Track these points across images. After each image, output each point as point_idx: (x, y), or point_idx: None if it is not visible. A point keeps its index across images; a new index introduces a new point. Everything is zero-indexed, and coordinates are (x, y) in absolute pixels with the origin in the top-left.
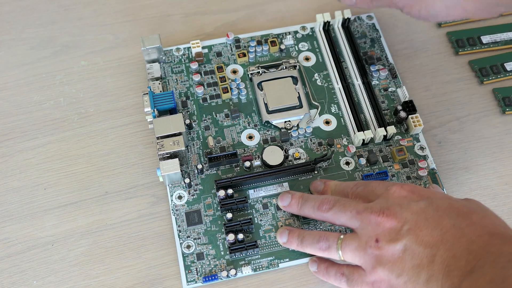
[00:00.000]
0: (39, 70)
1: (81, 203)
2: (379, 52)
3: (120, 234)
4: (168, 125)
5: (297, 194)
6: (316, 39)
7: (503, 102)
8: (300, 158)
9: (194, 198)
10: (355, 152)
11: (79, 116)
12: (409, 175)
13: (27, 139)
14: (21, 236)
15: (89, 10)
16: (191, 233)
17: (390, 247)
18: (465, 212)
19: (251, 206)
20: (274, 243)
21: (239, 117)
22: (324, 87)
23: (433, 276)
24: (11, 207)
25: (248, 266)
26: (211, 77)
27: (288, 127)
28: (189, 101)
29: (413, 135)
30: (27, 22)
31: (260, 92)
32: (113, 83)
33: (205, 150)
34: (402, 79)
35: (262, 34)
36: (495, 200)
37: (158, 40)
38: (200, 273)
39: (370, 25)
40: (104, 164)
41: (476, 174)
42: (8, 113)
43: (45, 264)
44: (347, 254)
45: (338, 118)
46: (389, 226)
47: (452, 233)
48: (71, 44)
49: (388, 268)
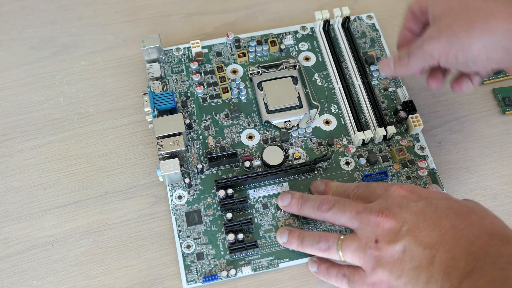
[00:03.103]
0: (39, 70)
1: (81, 203)
2: (379, 52)
3: (120, 234)
4: (168, 125)
5: (297, 194)
6: (316, 39)
7: (503, 102)
8: (300, 158)
9: (194, 198)
10: (355, 152)
11: (79, 116)
12: (409, 175)
13: (27, 139)
14: (21, 236)
15: (89, 10)
16: (191, 233)
17: (390, 248)
18: (464, 213)
19: (251, 206)
20: (274, 243)
21: (239, 117)
22: (324, 87)
23: (433, 277)
24: (11, 207)
25: (248, 266)
26: (211, 77)
27: (288, 127)
28: (189, 101)
29: (413, 135)
30: (27, 22)
31: (260, 92)
32: (113, 83)
33: (205, 150)
34: (402, 79)
35: (262, 34)
36: (495, 200)
37: (158, 40)
38: (200, 273)
39: (370, 25)
40: (104, 164)
41: (476, 174)
42: (8, 113)
43: (45, 264)
44: (347, 255)
45: (338, 118)
46: (388, 226)
47: (451, 234)
48: (71, 44)
49: (388, 270)
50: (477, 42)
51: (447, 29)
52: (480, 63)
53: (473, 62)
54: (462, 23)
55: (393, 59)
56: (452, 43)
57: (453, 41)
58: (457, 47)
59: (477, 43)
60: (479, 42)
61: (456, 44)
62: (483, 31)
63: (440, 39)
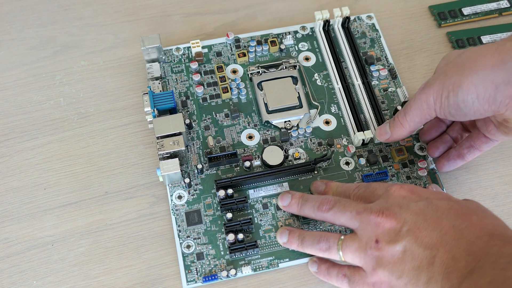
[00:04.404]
0: (39, 70)
1: (81, 203)
2: (379, 52)
3: (120, 234)
4: (168, 125)
5: (297, 194)
6: (316, 39)
7: None
8: (300, 158)
9: (194, 198)
10: (355, 152)
11: (79, 116)
12: (409, 175)
13: (27, 139)
14: (21, 236)
15: (89, 10)
16: (191, 233)
17: (390, 248)
18: (464, 213)
19: (251, 206)
20: (274, 243)
21: (239, 117)
22: (324, 87)
23: (433, 277)
24: (11, 207)
25: (248, 266)
26: (211, 77)
27: (288, 127)
28: (189, 101)
29: (412, 135)
30: (27, 22)
31: (260, 92)
32: (113, 83)
33: (205, 150)
34: (402, 79)
35: (262, 34)
36: (495, 200)
37: (158, 39)
38: (200, 273)
39: (370, 25)
40: (104, 164)
41: (476, 174)
42: (8, 113)
43: (45, 264)
44: (347, 255)
45: (338, 118)
46: (388, 226)
47: (452, 234)
48: (71, 44)
49: (388, 270)
50: (466, 80)
51: (440, 75)
52: (470, 102)
53: (463, 102)
54: (454, 66)
55: (388, 123)
56: (444, 85)
57: (445, 83)
58: (448, 87)
59: (466, 81)
60: (468, 79)
61: (448, 84)
62: (472, 68)
63: (434, 84)
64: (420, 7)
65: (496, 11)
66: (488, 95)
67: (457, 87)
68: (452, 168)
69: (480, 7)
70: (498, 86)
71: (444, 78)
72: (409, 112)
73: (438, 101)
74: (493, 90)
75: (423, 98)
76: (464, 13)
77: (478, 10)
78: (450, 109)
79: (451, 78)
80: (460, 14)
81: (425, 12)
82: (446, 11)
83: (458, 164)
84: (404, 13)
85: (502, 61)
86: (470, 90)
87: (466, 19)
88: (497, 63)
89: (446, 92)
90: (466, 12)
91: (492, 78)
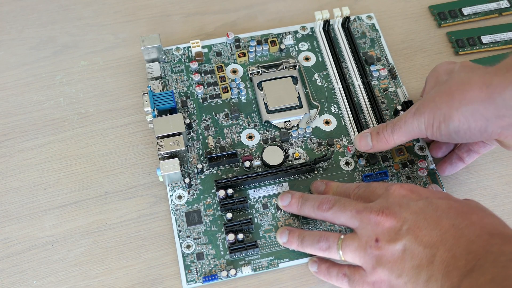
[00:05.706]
0: (39, 70)
1: (81, 203)
2: (379, 52)
3: (120, 234)
4: (168, 125)
5: (297, 193)
6: (316, 39)
7: None
8: (300, 158)
9: (194, 198)
10: (355, 152)
11: (79, 116)
12: (409, 175)
13: (27, 139)
14: (21, 236)
15: (89, 10)
16: (191, 233)
17: (390, 247)
18: (464, 212)
19: (251, 206)
20: (274, 243)
21: (239, 117)
22: (324, 87)
23: (433, 276)
24: (11, 207)
25: (248, 266)
26: (211, 77)
27: (288, 127)
28: (189, 100)
29: None
30: (27, 22)
31: (260, 92)
32: (113, 83)
33: (205, 150)
34: (402, 79)
35: (262, 34)
36: (495, 200)
37: (158, 39)
38: (200, 273)
39: (370, 25)
40: (104, 164)
41: (476, 174)
42: (8, 113)
43: (45, 264)
44: (347, 254)
45: (338, 118)
46: (388, 225)
47: (452, 233)
48: (71, 44)
49: (388, 269)
50: (456, 113)
51: (430, 102)
52: (462, 133)
53: (456, 133)
54: (443, 94)
55: (371, 135)
56: (435, 115)
57: (435, 113)
58: (439, 118)
59: (457, 114)
60: (459, 112)
61: (439, 115)
62: (461, 101)
63: (424, 113)
64: (420, 7)
65: (496, 11)
66: (479, 126)
67: (448, 119)
68: (454, 171)
69: (480, 7)
70: (488, 119)
71: (434, 108)
72: (398, 132)
73: (430, 130)
74: (484, 123)
75: (415, 124)
76: (464, 13)
77: (478, 10)
78: (443, 137)
79: (441, 109)
80: (460, 14)
81: (425, 12)
82: (446, 11)
83: (459, 167)
84: (404, 13)
85: (490, 97)
86: (462, 122)
87: (466, 19)
88: (486, 98)
89: (437, 123)
90: (466, 12)
91: (482, 112)
